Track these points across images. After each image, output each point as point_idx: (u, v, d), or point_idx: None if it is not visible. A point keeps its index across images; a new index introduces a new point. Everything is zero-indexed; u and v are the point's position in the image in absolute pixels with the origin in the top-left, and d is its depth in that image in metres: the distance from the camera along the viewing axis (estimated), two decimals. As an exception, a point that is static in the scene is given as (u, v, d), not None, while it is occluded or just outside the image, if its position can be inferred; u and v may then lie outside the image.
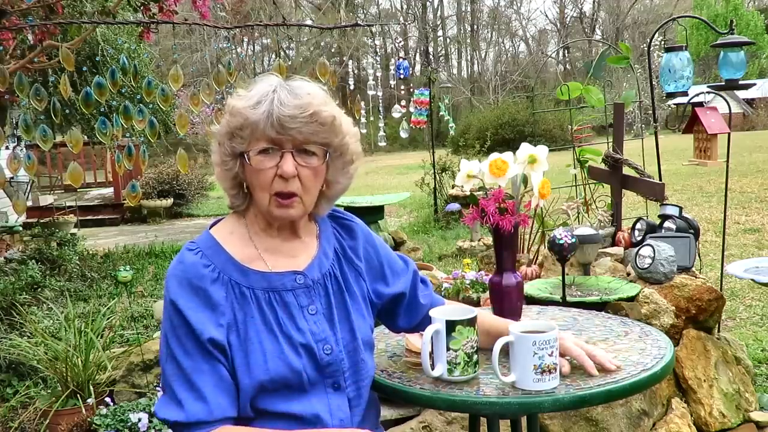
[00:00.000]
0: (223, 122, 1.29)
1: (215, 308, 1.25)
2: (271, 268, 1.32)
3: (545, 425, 2.44)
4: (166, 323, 1.25)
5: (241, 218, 1.38)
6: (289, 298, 1.31)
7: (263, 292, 1.29)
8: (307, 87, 1.28)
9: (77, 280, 5.84)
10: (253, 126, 1.25)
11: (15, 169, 3.24)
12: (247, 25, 4.27)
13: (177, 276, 1.26)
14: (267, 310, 1.28)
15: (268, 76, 1.31)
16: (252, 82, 1.32)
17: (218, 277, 1.27)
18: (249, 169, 1.29)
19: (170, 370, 1.23)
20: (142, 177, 11.23)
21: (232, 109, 1.27)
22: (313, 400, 1.28)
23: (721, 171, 3.82)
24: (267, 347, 1.25)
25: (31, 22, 3.68)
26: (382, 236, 5.79)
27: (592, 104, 3.89)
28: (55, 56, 3.92)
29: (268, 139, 1.25)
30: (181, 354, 1.22)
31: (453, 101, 22.94)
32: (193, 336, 1.23)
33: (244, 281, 1.29)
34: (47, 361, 2.99)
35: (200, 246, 1.31)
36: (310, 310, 1.32)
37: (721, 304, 2.75)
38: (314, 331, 1.30)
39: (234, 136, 1.28)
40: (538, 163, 1.72)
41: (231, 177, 1.33)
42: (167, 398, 1.24)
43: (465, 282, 2.99)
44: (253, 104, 1.25)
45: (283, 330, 1.28)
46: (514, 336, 1.31)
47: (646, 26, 33.68)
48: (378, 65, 4.17)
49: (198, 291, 1.25)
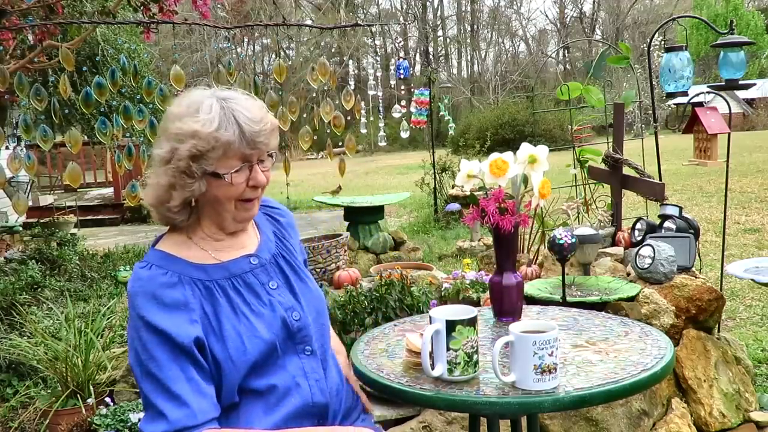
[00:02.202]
0: (185, 147, 1.29)
1: (185, 306, 1.30)
2: (224, 260, 1.40)
3: (545, 425, 2.44)
4: (135, 342, 1.28)
5: (181, 233, 1.41)
6: (250, 278, 1.40)
7: (226, 281, 1.37)
8: (249, 98, 1.36)
9: (77, 280, 5.83)
10: (226, 146, 1.29)
11: (15, 169, 3.25)
12: (247, 25, 4.27)
13: (138, 292, 1.29)
14: (233, 295, 1.36)
15: (197, 91, 1.35)
16: (181, 97, 1.36)
17: (179, 280, 1.32)
18: (219, 186, 1.33)
19: (147, 386, 1.26)
20: (142, 177, 11.20)
21: (196, 133, 1.28)
22: (289, 367, 1.37)
23: (721, 171, 3.82)
24: (241, 330, 1.32)
25: (31, 22, 3.68)
26: (382, 236, 5.80)
27: (592, 104, 3.89)
28: (55, 56, 3.92)
29: (240, 156, 1.32)
30: (154, 368, 1.25)
31: (453, 101, 22.94)
32: (167, 345, 1.25)
33: (205, 276, 1.35)
34: (47, 361, 2.99)
35: (151, 261, 1.36)
36: (271, 285, 1.42)
37: (721, 304, 2.75)
38: (281, 301, 1.40)
39: (200, 159, 1.29)
40: (538, 163, 1.72)
41: (184, 197, 1.34)
42: (149, 414, 1.26)
43: (465, 282, 2.99)
44: (217, 126, 1.28)
45: (253, 309, 1.36)
46: (514, 336, 1.31)
47: (646, 26, 33.67)
48: (378, 65, 4.18)
49: (163, 298, 1.29)
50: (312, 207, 11.18)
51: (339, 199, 5.85)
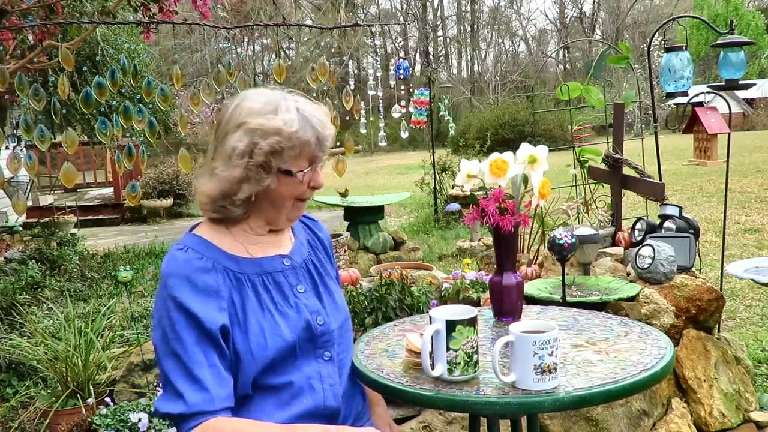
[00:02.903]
0: (267, 142, 1.32)
1: (216, 293, 1.32)
2: (258, 256, 1.42)
3: (545, 425, 2.44)
4: (164, 320, 1.29)
5: (220, 223, 1.43)
6: (280, 278, 1.42)
7: (257, 276, 1.39)
8: (314, 103, 1.41)
9: (77, 280, 5.84)
10: (302, 147, 1.35)
11: (15, 169, 3.25)
12: (247, 25, 4.27)
13: (173, 273, 1.31)
14: (262, 291, 1.38)
15: (268, 90, 1.40)
16: (255, 94, 1.39)
17: (213, 266, 1.34)
18: (288, 184, 1.38)
19: (169, 365, 1.27)
20: (142, 177, 11.23)
21: (280, 131, 1.33)
22: (305, 369, 1.39)
23: (721, 171, 3.82)
24: (265, 326, 1.34)
25: (31, 22, 3.68)
26: (382, 236, 5.80)
27: (592, 104, 3.89)
28: (55, 56, 3.91)
29: (310, 158, 1.38)
30: (180, 349, 1.27)
31: (453, 101, 22.94)
32: (195, 329, 1.27)
33: (237, 268, 1.38)
34: (47, 361, 2.99)
35: (188, 244, 1.37)
36: (299, 288, 1.44)
37: (721, 304, 2.75)
38: (307, 305, 1.42)
39: (278, 155, 1.34)
40: (538, 163, 1.72)
41: (253, 191, 1.37)
42: (167, 394, 1.27)
43: (465, 282, 2.99)
44: (298, 127, 1.34)
45: (279, 308, 1.38)
46: (514, 336, 1.30)
47: (646, 26, 33.67)
48: (378, 65, 4.18)
49: (197, 282, 1.31)
50: (312, 207, 11.18)
51: (339, 199, 5.85)
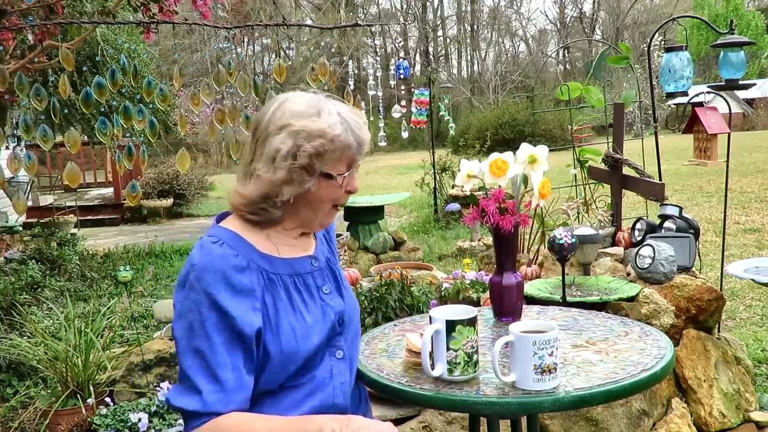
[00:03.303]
0: (311, 144, 1.32)
1: (251, 293, 1.30)
2: (288, 257, 1.41)
3: (545, 425, 2.44)
4: (192, 315, 1.26)
5: (253, 224, 1.40)
6: (309, 280, 1.41)
7: (288, 277, 1.38)
8: (351, 107, 1.41)
9: (77, 280, 5.84)
10: (344, 150, 1.34)
11: (15, 169, 3.25)
12: (247, 25, 4.27)
13: (209, 267, 1.28)
14: (293, 292, 1.37)
15: (308, 93, 1.39)
16: (296, 96, 1.39)
17: (248, 265, 1.32)
18: (327, 187, 1.37)
19: (191, 362, 1.25)
20: (142, 177, 11.23)
21: (324, 133, 1.32)
22: (321, 367, 1.38)
23: (721, 171, 3.82)
24: (296, 327, 1.33)
25: (31, 22, 3.68)
26: (382, 236, 5.80)
27: (592, 104, 3.89)
28: (55, 56, 3.91)
29: (349, 162, 1.38)
30: (206, 347, 1.24)
31: (453, 101, 22.93)
32: (226, 330, 1.25)
33: (271, 268, 1.36)
34: (47, 361, 2.99)
35: (222, 238, 1.34)
36: (325, 290, 1.43)
37: (721, 304, 2.75)
38: (332, 306, 1.42)
39: (321, 158, 1.33)
40: (538, 163, 1.72)
41: (295, 192, 1.35)
42: (184, 387, 1.25)
43: (465, 282, 2.99)
44: (341, 131, 1.34)
45: (309, 310, 1.37)
46: (514, 336, 1.30)
47: (646, 26, 33.65)
48: (378, 65, 4.18)
49: (233, 281, 1.28)
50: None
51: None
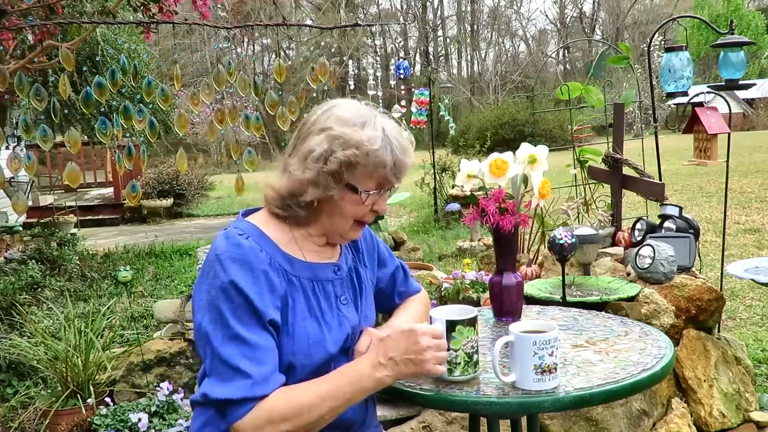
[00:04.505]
0: (344, 153, 1.30)
1: (274, 291, 1.29)
2: (311, 261, 1.40)
3: (545, 425, 2.44)
4: (224, 304, 1.25)
5: (281, 221, 1.40)
6: (329, 288, 1.40)
7: (308, 281, 1.37)
8: (401, 129, 1.37)
9: (77, 280, 5.84)
10: (376, 167, 1.32)
11: (15, 169, 3.24)
12: (247, 25, 4.27)
13: (236, 258, 1.28)
14: (311, 297, 1.36)
15: (360, 104, 1.38)
16: (349, 103, 1.37)
17: (270, 263, 1.31)
18: (350, 200, 1.35)
19: (232, 349, 1.23)
20: (142, 177, 11.23)
21: (360, 145, 1.30)
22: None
23: (721, 171, 3.82)
24: (311, 333, 1.32)
25: (31, 22, 3.68)
26: (382, 236, 5.79)
27: (592, 104, 3.89)
28: (55, 56, 3.91)
29: (380, 182, 1.35)
30: (245, 332, 1.23)
31: (453, 101, 22.93)
32: (255, 315, 1.25)
33: (291, 269, 1.35)
34: (47, 361, 2.99)
35: (248, 232, 1.33)
36: (343, 300, 1.42)
37: (721, 304, 2.75)
38: (348, 317, 1.40)
39: (351, 168, 1.31)
40: (538, 163, 1.72)
41: (319, 196, 1.34)
42: (225, 376, 1.22)
43: (465, 282, 2.99)
44: (379, 147, 1.31)
45: (325, 318, 1.36)
46: (514, 336, 1.31)
47: (646, 26, 33.64)
48: (378, 65, 4.18)
49: (259, 274, 1.28)
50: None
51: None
